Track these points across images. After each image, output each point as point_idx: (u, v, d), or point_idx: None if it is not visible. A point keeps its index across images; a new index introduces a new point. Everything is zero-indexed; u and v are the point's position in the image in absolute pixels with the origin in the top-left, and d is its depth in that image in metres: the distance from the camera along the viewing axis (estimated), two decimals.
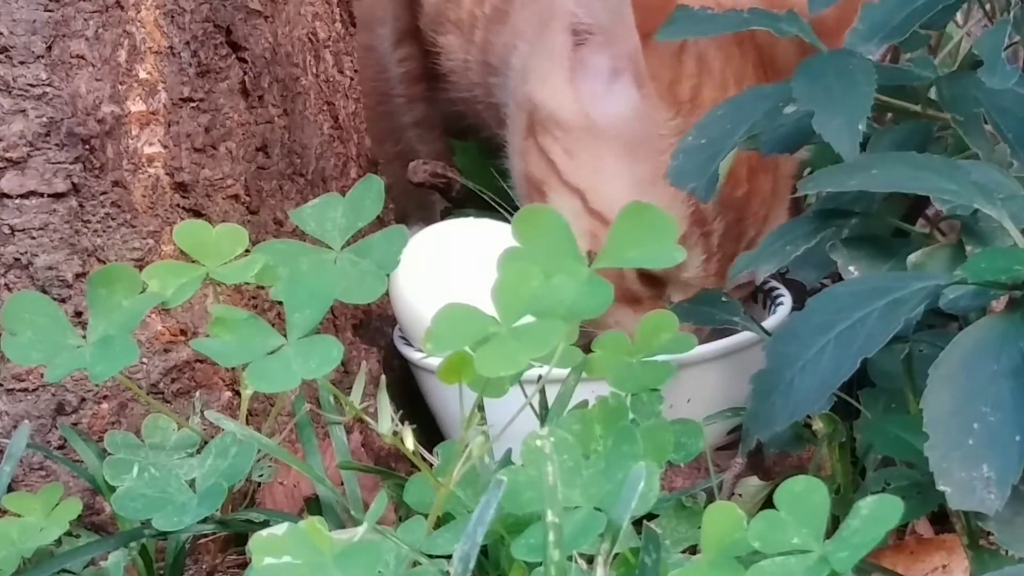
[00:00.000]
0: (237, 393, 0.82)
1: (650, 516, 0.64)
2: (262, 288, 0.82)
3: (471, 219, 0.93)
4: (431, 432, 0.90)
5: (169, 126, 0.81)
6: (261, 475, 0.79)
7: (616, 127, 0.92)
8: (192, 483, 0.72)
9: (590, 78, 0.92)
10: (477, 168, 1.08)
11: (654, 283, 0.92)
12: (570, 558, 0.59)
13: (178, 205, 0.81)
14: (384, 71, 1.16)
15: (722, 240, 0.90)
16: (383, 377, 0.72)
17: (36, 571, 0.70)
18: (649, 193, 0.87)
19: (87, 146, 0.78)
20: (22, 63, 0.76)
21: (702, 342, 0.86)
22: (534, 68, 0.96)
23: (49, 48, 0.77)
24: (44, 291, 0.77)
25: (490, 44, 1.05)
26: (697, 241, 0.90)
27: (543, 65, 0.95)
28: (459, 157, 1.14)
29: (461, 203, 1.11)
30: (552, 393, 0.75)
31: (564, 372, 0.74)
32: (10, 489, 0.73)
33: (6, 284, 0.77)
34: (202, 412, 0.77)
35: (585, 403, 0.73)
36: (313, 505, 0.77)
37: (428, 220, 0.99)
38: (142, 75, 0.80)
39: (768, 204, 0.93)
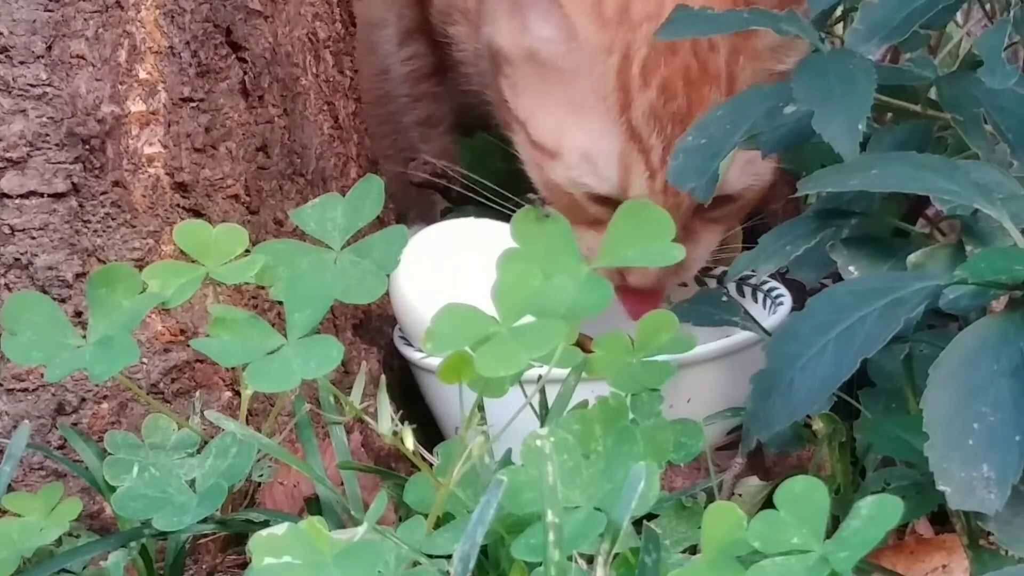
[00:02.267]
0: (237, 393, 0.82)
1: (650, 516, 0.64)
2: (262, 288, 0.82)
3: (471, 219, 0.93)
4: (431, 432, 0.90)
5: (169, 126, 0.81)
6: (261, 475, 0.79)
7: (549, 54, 0.93)
8: (192, 483, 0.72)
9: (526, 7, 0.94)
10: (482, 163, 1.08)
11: (612, 204, 0.92)
12: (570, 558, 0.59)
13: (178, 205, 0.81)
14: (386, 71, 1.16)
15: (664, 155, 0.91)
16: (383, 377, 0.72)
17: (36, 571, 0.70)
18: (581, 115, 0.91)
19: (87, 146, 0.78)
20: (22, 63, 0.76)
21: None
22: (489, 8, 0.99)
23: (49, 48, 0.77)
24: (44, 291, 0.77)
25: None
26: (637, 159, 0.91)
27: (494, 3, 0.98)
28: (465, 151, 1.14)
29: (461, 203, 1.11)
30: (552, 393, 0.75)
31: (564, 372, 0.74)
32: (10, 489, 0.73)
33: (6, 284, 0.77)
34: (202, 412, 0.77)
35: (585, 403, 0.73)
36: (313, 505, 0.77)
37: (428, 220, 0.99)
38: (142, 75, 0.80)
39: None
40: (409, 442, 0.66)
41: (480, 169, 1.07)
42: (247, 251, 0.77)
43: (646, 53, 0.91)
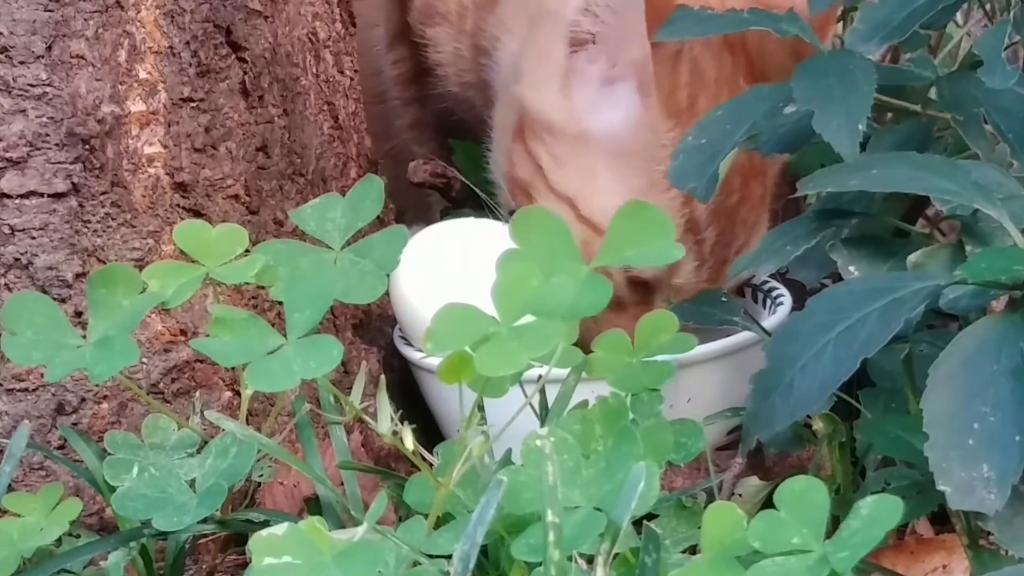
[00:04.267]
0: (237, 393, 0.82)
1: (650, 516, 0.64)
2: (262, 288, 0.82)
3: (471, 219, 0.93)
4: (431, 432, 0.90)
5: (169, 126, 0.81)
6: (261, 475, 0.79)
7: (611, 136, 0.91)
8: (192, 483, 0.72)
9: (585, 86, 0.91)
10: (477, 168, 1.08)
11: (643, 289, 0.92)
12: (570, 558, 0.59)
13: (178, 205, 0.81)
14: (379, 72, 1.17)
15: (713, 247, 0.91)
16: (383, 377, 0.72)
17: (36, 571, 0.70)
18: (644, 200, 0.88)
19: (87, 146, 0.78)
20: (22, 63, 0.76)
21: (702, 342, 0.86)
22: (526, 71, 0.95)
23: (49, 48, 0.77)
24: (44, 291, 0.77)
25: (481, 30, 1.05)
26: (691, 248, 0.90)
27: (536, 70, 0.94)
28: (459, 156, 1.14)
29: (461, 203, 1.11)
30: (552, 393, 0.75)
31: (564, 372, 0.74)
32: (10, 489, 0.73)
33: (6, 284, 0.77)
34: (202, 412, 0.77)
35: (585, 403, 0.73)
36: (313, 505, 0.77)
37: (428, 220, 0.99)
38: (142, 75, 0.80)
39: (758, 210, 0.93)
40: (409, 442, 0.66)
41: (473, 175, 1.07)
42: (247, 251, 0.77)
43: None
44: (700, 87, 0.89)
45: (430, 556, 0.64)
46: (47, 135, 0.77)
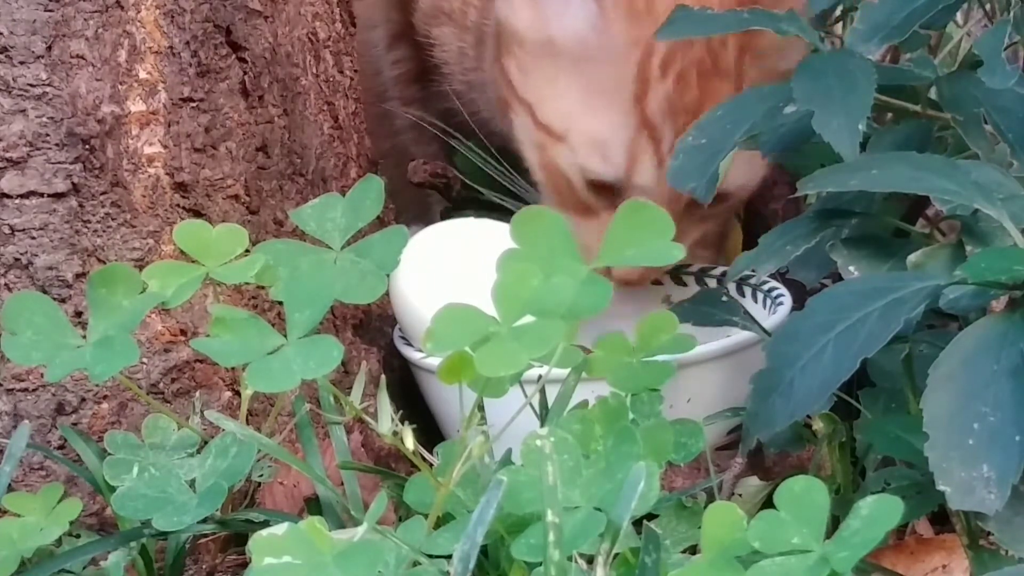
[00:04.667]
0: (237, 393, 0.82)
1: (650, 516, 0.64)
2: (262, 288, 0.82)
3: (471, 219, 0.93)
4: (431, 432, 0.90)
5: (169, 126, 0.81)
6: (261, 475, 0.79)
7: (572, 41, 0.95)
8: (192, 483, 0.72)
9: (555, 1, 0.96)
10: (477, 168, 1.08)
11: (608, 192, 0.96)
12: (570, 558, 0.59)
13: (178, 205, 0.81)
14: (379, 73, 1.17)
15: (672, 147, 0.91)
16: (383, 377, 0.72)
17: (36, 571, 0.70)
18: (597, 102, 0.93)
19: (87, 146, 0.78)
20: (22, 63, 0.76)
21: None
22: None
23: (49, 48, 0.77)
24: (44, 291, 0.77)
25: (484, 22, 1.06)
26: (646, 147, 0.93)
27: None
28: (459, 157, 1.14)
29: (461, 203, 1.11)
30: (552, 393, 0.75)
31: (564, 372, 0.74)
32: (10, 489, 0.73)
33: (6, 284, 0.77)
34: (202, 412, 0.77)
35: (585, 403, 0.73)
36: (313, 505, 0.77)
37: (428, 220, 0.99)
38: (142, 75, 0.80)
39: None
40: (409, 442, 0.66)
41: (474, 174, 1.07)
42: (247, 251, 0.77)
43: (668, 46, 0.93)
44: None
45: (430, 556, 0.64)
46: (47, 135, 0.77)
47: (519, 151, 1.02)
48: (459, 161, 1.13)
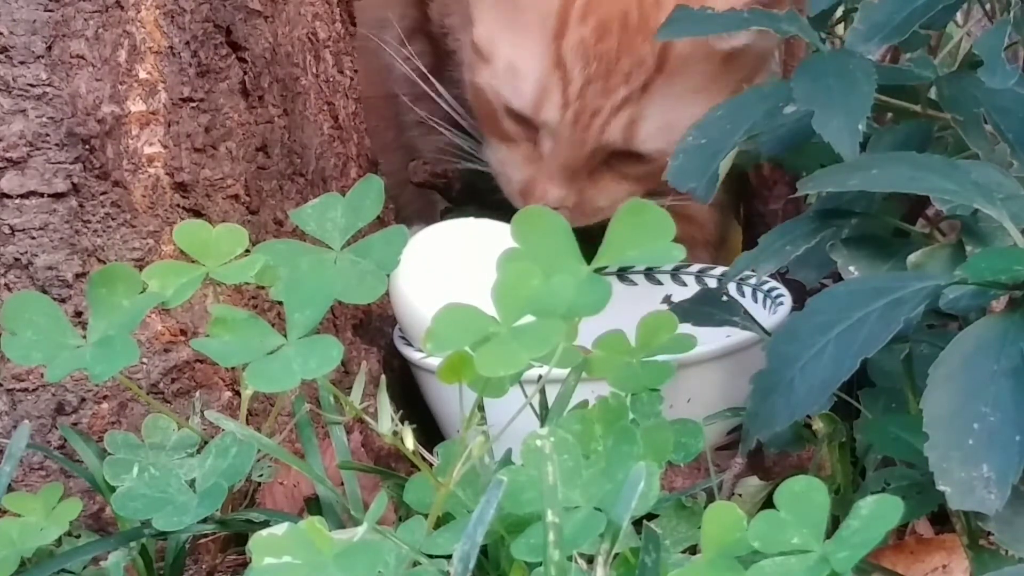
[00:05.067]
0: (237, 393, 0.82)
1: (650, 516, 0.64)
2: (262, 288, 0.82)
3: (471, 219, 0.93)
4: (431, 432, 0.90)
5: (169, 126, 0.81)
6: (261, 475, 0.79)
7: None
8: (192, 483, 0.72)
9: None
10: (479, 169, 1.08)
11: (521, 122, 0.98)
12: (570, 558, 0.59)
13: (178, 205, 0.81)
14: (387, 71, 1.17)
15: (583, 91, 0.94)
16: (383, 377, 0.72)
17: (36, 571, 0.70)
18: (520, 31, 0.95)
19: (87, 146, 0.78)
20: (22, 63, 0.76)
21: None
22: None
23: (49, 48, 0.77)
24: (44, 291, 0.77)
25: None
26: (555, 85, 0.94)
27: None
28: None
29: (461, 203, 1.11)
30: (552, 393, 0.75)
31: (564, 372, 0.74)
32: (10, 489, 0.73)
33: (6, 284, 0.77)
34: (202, 412, 0.77)
35: (585, 403, 0.73)
36: (313, 505, 0.77)
37: (428, 220, 0.99)
38: (142, 75, 0.80)
39: (647, 73, 0.95)
40: (409, 442, 0.66)
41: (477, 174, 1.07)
42: (247, 251, 0.77)
43: None
44: None
45: (430, 556, 0.64)
46: (47, 135, 0.77)
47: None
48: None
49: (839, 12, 0.89)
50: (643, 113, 0.96)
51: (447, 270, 0.87)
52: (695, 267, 1.04)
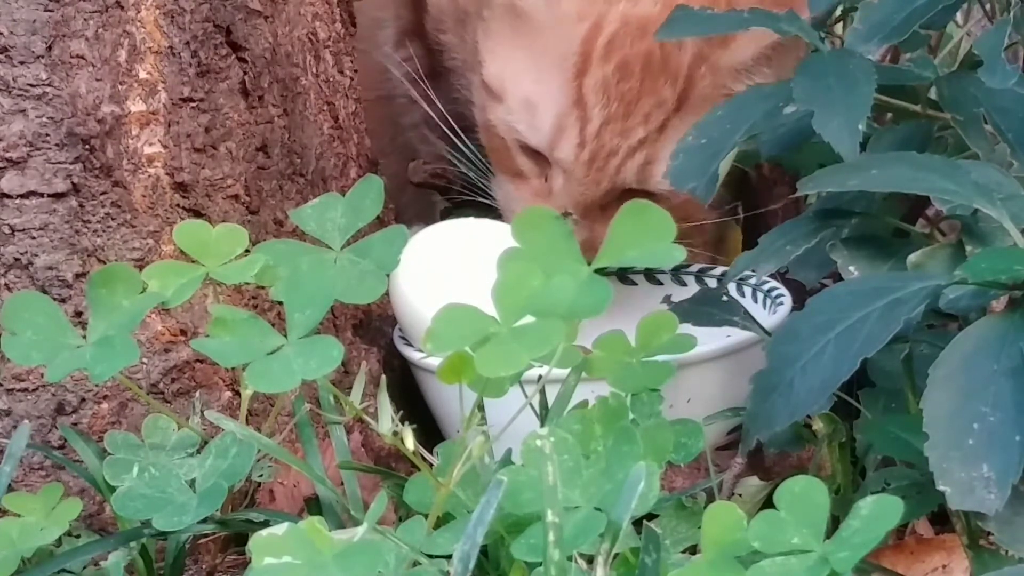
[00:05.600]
0: (237, 393, 0.82)
1: (650, 516, 0.64)
2: (262, 288, 0.82)
3: (471, 219, 0.93)
4: (431, 432, 0.90)
5: (169, 126, 0.81)
6: (261, 475, 0.79)
7: (529, 9, 0.97)
8: (192, 483, 0.72)
9: None
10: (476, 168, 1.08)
11: (537, 159, 0.98)
12: (570, 558, 0.59)
13: (178, 205, 0.81)
14: (385, 71, 1.17)
15: (601, 131, 0.94)
16: (383, 377, 0.72)
17: (36, 571, 0.70)
18: (538, 68, 0.95)
19: (87, 146, 0.78)
20: (22, 63, 0.76)
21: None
22: None
23: (49, 48, 0.77)
24: (44, 291, 0.77)
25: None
26: (573, 124, 0.94)
27: None
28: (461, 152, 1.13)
29: (461, 203, 1.11)
30: (552, 393, 0.75)
31: (564, 372, 0.74)
32: (10, 489, 0.73)
33: (6, 284, 0.77)
34: (202, 412, 0.77)
35: (585, 403, 0.73)
36: (313, 505, 0.77)
37: (428, 220, 0.99)
38: (142, 75, 0.80)
39: (666, 114, 0.95)
40: (409, 442, 0.66)
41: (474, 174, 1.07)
42: (247, 251, 0.77)
43: (615, 29, 0.94)
44: None
45: (430, 556, 0.64)
46: (47, 135, 0.77)
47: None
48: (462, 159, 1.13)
49: (839, 12, 0.90)
50: (659, 154, 0.95)
51: (447, 270, 0.87)
52: (695, 267, 1.04)
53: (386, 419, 0.67)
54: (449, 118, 1.06)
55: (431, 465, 0.70)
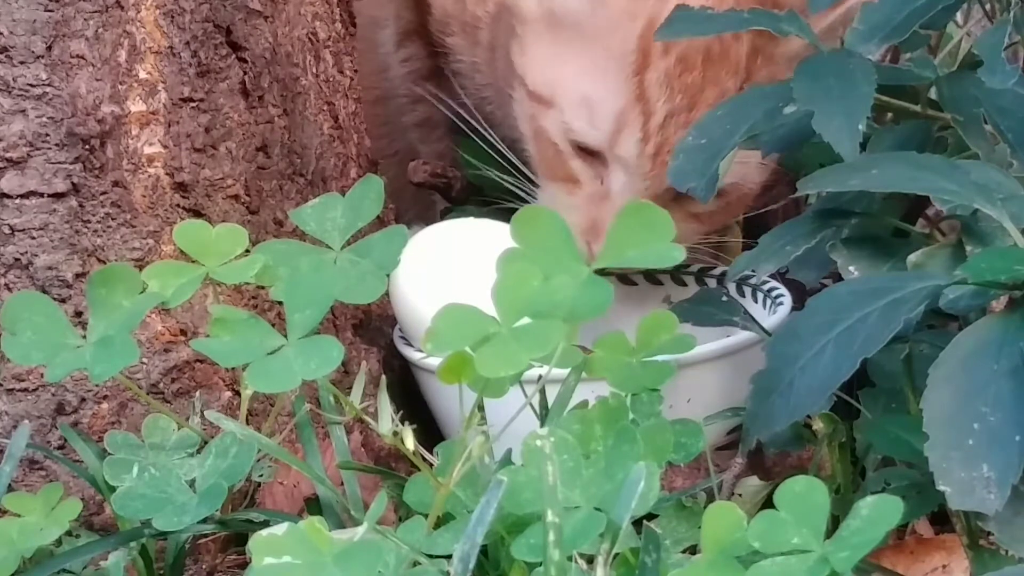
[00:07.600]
0: (237, 393, 0.82)
1: (650, 516, 0.64)
2: (262, 288, 0.82)
3: (471, 219, 0.93)
4: (431, 432, 0.90)
5: (169, 126, 0.81)
6: (261, 475, 0.79)
7: (571, 13, 0.96)
8: (192, 483, 0.72)
9: None
10: (483, 159, 1.08)
11: (592, 159, 0.97)
12: (570, 558, 0.59)
13: (178, 205, 0.81)
14: (386, 71, 1.17)
15: (664, 124, 0.93)
16: (383, 377, 0.72)
17: (36, 571, 0.70)
18: (591, 70, 0.94)
19: (87, 146, 0.78)
20: (22, 63, 0.76)
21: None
22: None
23: (49, 48, 0.77)
24: (44, 291, 0.77)
25: (498, 44, 1.05)
26: (636, 119, 0.93)
27: None
28: (464, 146, 1.13)
29: (461, 203, 1.11)
30: (552, 393, 0.75)
31: (564, 372, 0.74)
32: (10, 489, 0.73)
33: (6, 284, 0.77)
34: (202, 412, 0.77)
35: (585, 403, 0.73)
36: (313, 505, 0.77)
37: (428, 220, 0.99)
38: (142, 75, 0.80)
39: None
40: (409, 442, 0.66)
41: (477, 174, 1.07)
42: (247, 251, 0.77)
43: None
44: None
45: (430, 556, 0.64)
46: (47, 135, 0.77)
47: (521, 138, 1.03)
48: (465, 149, 1.13)
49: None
50: None
51: (447, 270, 0.87)
52: (695, 267, 1.05)
53: (386, 419, 0.67)
54: (480, 119, 1.06)
55: (431, 465, 0.70)
